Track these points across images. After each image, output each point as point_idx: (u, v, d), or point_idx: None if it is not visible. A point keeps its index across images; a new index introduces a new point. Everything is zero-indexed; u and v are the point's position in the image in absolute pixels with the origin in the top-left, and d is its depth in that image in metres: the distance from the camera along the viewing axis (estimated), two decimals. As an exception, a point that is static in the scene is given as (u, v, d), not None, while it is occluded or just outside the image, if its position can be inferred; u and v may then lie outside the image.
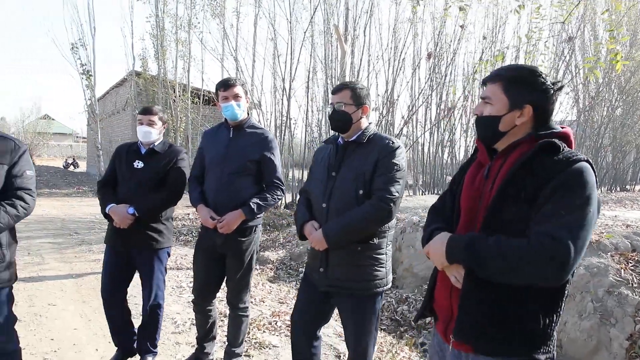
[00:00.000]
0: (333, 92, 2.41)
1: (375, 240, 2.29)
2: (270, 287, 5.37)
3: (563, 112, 15.10)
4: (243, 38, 23.11)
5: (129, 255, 3.01)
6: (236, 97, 2.88)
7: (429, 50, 12.09)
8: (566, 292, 1.46)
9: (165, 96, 14.75)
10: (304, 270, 6.31)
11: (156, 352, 3.18)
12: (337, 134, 2.43)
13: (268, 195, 2.87)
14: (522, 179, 1.41)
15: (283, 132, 11.79)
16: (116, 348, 3.16)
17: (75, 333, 3.77)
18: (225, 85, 2.89)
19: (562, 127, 1.52)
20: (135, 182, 2.94)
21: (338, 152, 2.36)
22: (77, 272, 5.65)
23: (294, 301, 4.80)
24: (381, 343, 3.79)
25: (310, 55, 11.92)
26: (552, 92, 1.50)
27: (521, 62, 12.00)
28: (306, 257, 6.77)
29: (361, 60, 11.98)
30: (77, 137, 51.55)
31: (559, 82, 1.54)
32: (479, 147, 1.64)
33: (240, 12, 12.41)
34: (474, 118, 1.67)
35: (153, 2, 14.48)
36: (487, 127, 1.56)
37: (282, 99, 12.03)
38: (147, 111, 3.05)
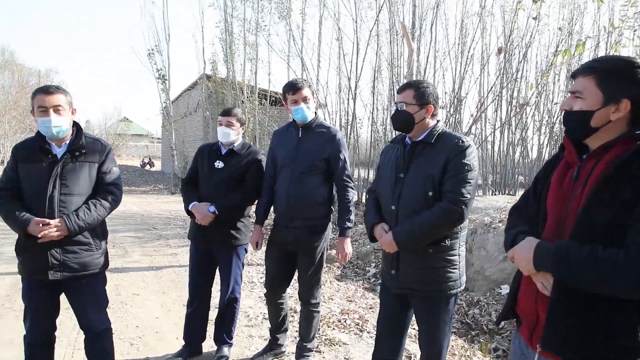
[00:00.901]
0: (398, 92, 2.39)
1: (448, 242, 2.25)
2: (338, 285, 5.42)
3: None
4: (309, 39, 23.40)
5: (211, 251, 3.17)
6: (305, 99, 2.94)
7: (500, 45, 11.62)
8: None
9: (234, 98, 15.27)
10: (370, 269, 6.29)
11: (231, 344, 3.33)
12: (403, 133, 2.40)
13: (350, 208, 2.99)
14: (618, 184, 1.32)
15: (349, 131, 11.83)
16: (183, 343, 3.33)
17: (157, 322, 4.03)
18: (294, 88, 2.95)
19: None
20: (216, 182, 3.09)
21: (406, 153, 2.31)
22: (157, 265, 6.01)
23: (362, 300, 4.84)
24: (452, 346, 3.72)
25: (376, 53, 11.85)
26: None
27: (601, 54, 11.24)
28: (373, 257, 6.78)
29: (427, 57, 11.76)
30: (152, 137, 54.60)
31: None
32: (566, 145, 1.55)
33: (306, 14, 12.60)
34: (561, 113, 1.57)
35: (222, 7, 15.07)
36: (577, 123, 1.47)
37: (347, 99, 12.07)
38: (226, 113, 3.20)
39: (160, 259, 6.42)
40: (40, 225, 2.28)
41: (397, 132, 2.42)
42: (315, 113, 3.06)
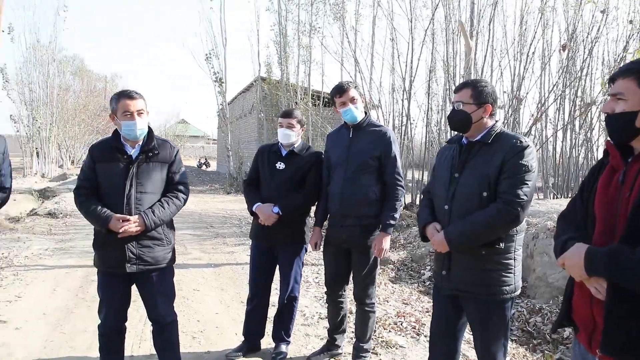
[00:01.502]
0: (455, 91, 2.35)
1: (502, 245, 2.18)
2: (392, 287, 5.38)
3: None
4: (363, 39, 23.40)
5: (272, 250, 3.25)
6: (352, 100, 2.98)
7: (564, 42, 11.09)
8: None
9: (288, 100, 15.50)
10: (425, 272, 6.20)
11: (289, 341, 3.40)
12: (460, 133, 2.35)
13: (396, 206, 3.00)
14: None
15: (402, 132, 11.71)
16: (242, 338, 3.42)
17: (217, 317, 4.17)
18: (340, 91, 3.01)
19: None
20: (277, 182, 3.16)
21: (462, 153, 2.28)
22: (215, 263, 6.21)
23: (417, 303, 4.78)
24: (514, 354, 3.61)
25: (431, 53, 11.65)
26: None
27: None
28: (428, 259, 6.67)
29: (485, 56, 11.43)
30: (208, 139, 56.42)
31: None
32: (610, 150, 1.53)
33: (360, 14, 12.59)
34: (603, 117, 1.55)
35: (277, 10, 15.36)
36: (621, 125, 1.47)
37: (401, 99, 11.94)
38: (287, 114, 3.27)
39: (218, 256, 6.63)
40: (121, 221, 2.43)
41: (453, 132, 2.38)
42: (366, 113, 3.08)
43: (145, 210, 2.51)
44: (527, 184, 2.11)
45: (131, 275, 2.59)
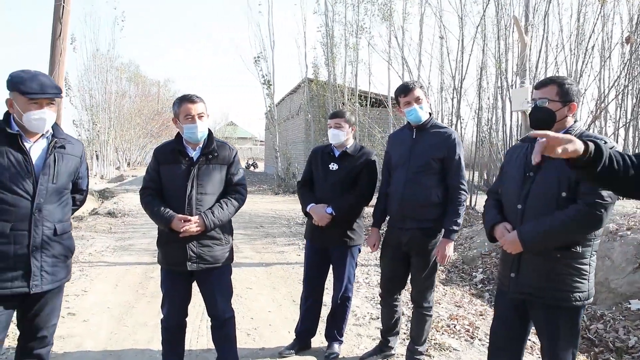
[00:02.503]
0: (537, 87, 2.25)
1: (579, 249, 2.09)
2: (444, 289, 5.30)
3: None
4: (411, 37, 23.13)
5: (326, 250, 3.29)
6: (417, 100, 2.94)
7: (627, 34, 10.49)
8: None
9: (335, 100, 15.56)
10: (477, 275, 6.03)
11: (342, 341, 3.42)
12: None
13: (459, 211, 2.92)
14: None
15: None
16: (294, 337, 3.47)
17: (269, 315, 4.26)
18: (405, 90, 2.97)
19: None
20: (331, 183, 3.20)
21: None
22: (266, 262, 6.34)
23: (470, 306, 4.68)
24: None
25: (482, 50, 11.36)
26: None
27: None
28: (480, 262, 6.51)
29: (539, 51, 11.01)
30: (255, 140, 57.49)
31: None
32: None
33: (408, 13, 12.47)
34: None
35: (324, 12, 15.45)
36: None
37: (451, 98, 11.72)
38: (334, 115, 3.30)
39: (269, 256, 6.76)
40: (182, 221, 2.54)
41: (533, 129, 2.28)
42: (430, 114, 3.04)
43: (205, 211, 2.61)
44: None
45: (192, 272, 2.70)
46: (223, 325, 2.82)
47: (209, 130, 2.75)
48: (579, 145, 1.43)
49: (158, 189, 2.71)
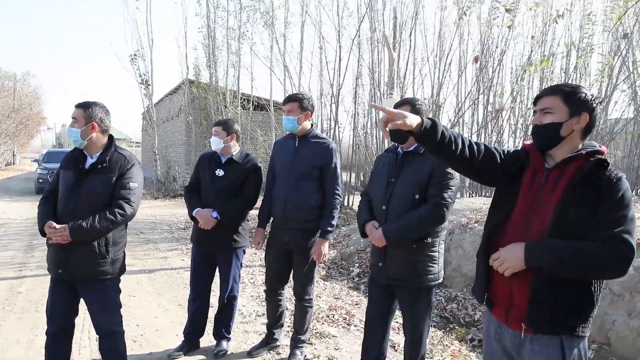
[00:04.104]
0: (395, 107, 2.65)
1: (429, 240, 2.59)
2: (324, 284, 5.71)
3: (618, 111, 14.64)
4: (292, 46, 23.68)
5: (212, 252, 3.44)
6: (289, 111, 3.25)
7: (476, 54, 12.10)
8: (604, 282, 1.76)
9: (217, 103, 15.44)
10: (354, 269, 6.56)
11: (230, 338, 3.60)
12: (396, 144, 2.67)
13: (334, 214, 3.24)
14: (582, 190, 1.67)
15: (330, 136, 12.16)
16: (183, 338, 3.56)
17: (156, 320, 4.25)
18: (284, 100, 3.31)
19: (600, 146, 1.78)
20: (217, 189, 3.35)
21: (398, 161, 2.65)
22: (149, 268, 6.20)
23: (347, 297, 5.14)
24: (432, 337, 4.04)
25: (358, 61, 12.21)
26: (596, 104, 1.76)
27: (572, 63, 11.84)
28: (356, 257, 7.08)
29: (407, 64, 12.18)
30: (131, 142, 54.05)
31: (599, 97, 1.81)
32: (533, 154, 1.83)
33: (290, 22, 12.90)
34: (531, 127, 1.87)
35: (205, 15, 15.26)
36: (549, 133, 1.76)
37: (330, 104, 12.39)
38: (216, 123, 3.52)
39: (152, 262, 6.61)
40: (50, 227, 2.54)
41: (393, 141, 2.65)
42: (312, 125, 3.35)
43: (73, 222, 2.56)
44: (452, 189, 2.55)
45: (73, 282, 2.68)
46: (105, 340, 2.77)
47: (110, 138, 2.74)
48: (412, 120, 1.68)
49: (55, 192, 2.69)
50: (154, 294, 5.09)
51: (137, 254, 7.13)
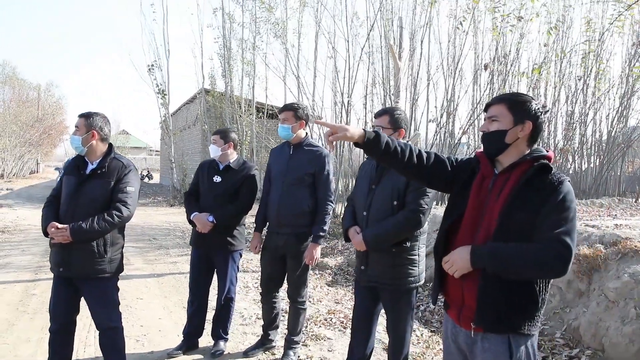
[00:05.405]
0: (375, 116, 2.82)
1: (408, 244, 2.70)
2: (327, 289, 5.80)
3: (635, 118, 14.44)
4: (304, 56, 24.02)
5: (209, 255, 3.60)
6: (284, 120, 3.39)
7: (486, 62, 12.12)
8: (549, 283, 1.83)
9: (232, 112, 15.73)
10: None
11: (227, 339, 3.74)
12: None
13: (326, 220, 3.36)
14: (526, 194, 1.75)
15: (342, 143, 12.27)
16: (182, 338, 3.70)
17: (160, 321, 4.42)
18: (279, 109, 3.45)
19: (547, 150, 1.86)
20: (214, 194, 3.53)
21: (378, 168, 2.76)
22: (158, 272, 6.40)
23: (349, 302, 5.23)
24: (419, 336, 4.11)
25: (368, 69, 12.35)
26: (542, 113, 1.84)
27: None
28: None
29: (418, 72, 12.26)
30: (150, 150, 55.07)
31: (546, 106, 1.88)
32: (482, 160, 1.93)
33: (301, 33, 13.12)
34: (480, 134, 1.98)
35: (221, 26, 15.62)
36: (495, 140, 1.85)
37: (341, 113, 12.53)
38: (213, 132, 3.70)
39: (161, 266, 6.80)
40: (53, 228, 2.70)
41: None
42: (307, 134, 3.50)
43: (75, 223, 2.71)
44: (428, 196, 2.65)
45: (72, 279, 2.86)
46: (104, 335, 2.91)
47: (110, 146, 2.91)
48: (353, 132, 1.80)
49: (58, 196, 2.87)
50: (160, 296, 5.27)
51: (148, 258, 7.34)
